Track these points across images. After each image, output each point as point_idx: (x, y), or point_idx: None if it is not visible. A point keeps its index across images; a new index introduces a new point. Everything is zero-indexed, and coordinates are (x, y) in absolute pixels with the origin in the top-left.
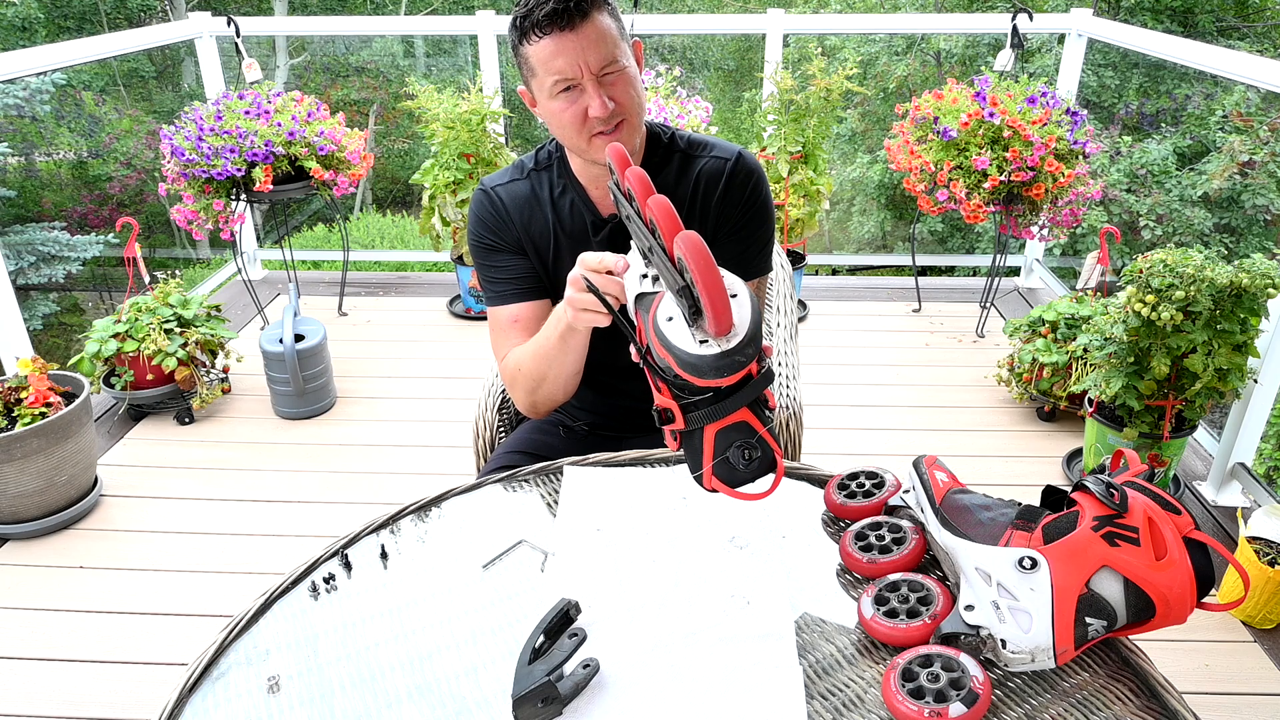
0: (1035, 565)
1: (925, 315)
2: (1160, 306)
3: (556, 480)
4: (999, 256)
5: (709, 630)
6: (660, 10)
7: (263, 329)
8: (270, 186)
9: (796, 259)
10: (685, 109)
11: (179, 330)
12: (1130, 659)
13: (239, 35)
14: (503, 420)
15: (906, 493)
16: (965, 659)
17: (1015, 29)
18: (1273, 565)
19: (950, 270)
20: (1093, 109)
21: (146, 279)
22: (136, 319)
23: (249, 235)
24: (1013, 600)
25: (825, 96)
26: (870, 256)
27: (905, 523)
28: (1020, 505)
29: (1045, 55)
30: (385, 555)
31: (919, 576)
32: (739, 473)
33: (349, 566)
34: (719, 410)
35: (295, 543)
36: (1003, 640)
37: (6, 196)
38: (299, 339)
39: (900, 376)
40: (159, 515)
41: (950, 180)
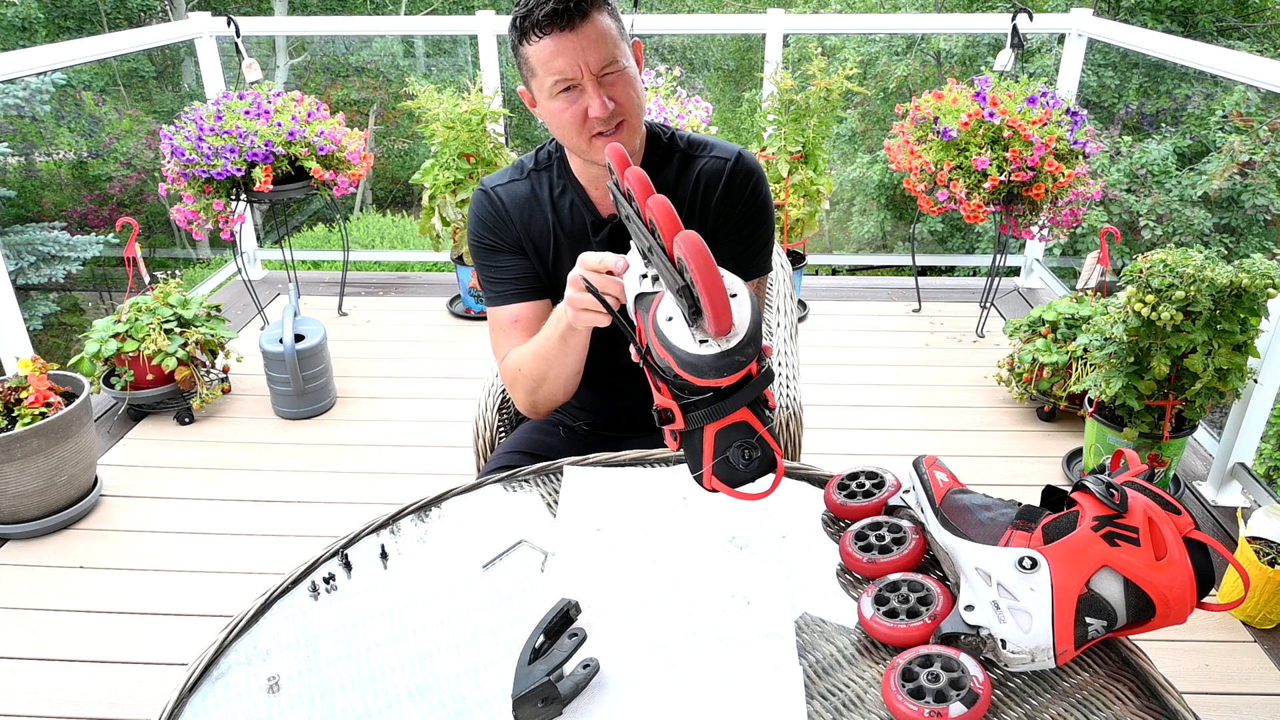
0: (1035, 565)
1: (925, 315)
2: (1160, 306)
3: (556, 480)
4: (999, 256)
5: (709, 630)
6: (660, 10)
7: (263, 329)
8: (270, 186)
9: (796, 259)
10: (685, 109)
11: (179, 330)
12: (1130, 659)
13: (239, 35)
14: (503, 420)
15: (906, 493)
16: (965, 659)
17: (1015, 29)
18: (1273, 565)
19: (950, 270)
20: (1093, 109)
21: (146, 279)
22: (136, 319)
23: (249, 235)
24: (1013, 600)
25: (825, 96)
26: (870, 256)
27: (905, 523)
28: (1020, 505)
29: (1045, 55)
30: (385, 555)
31: (919, 576)
32: (739, 473)
33: (349, 566)
34: (719, 410)
35: (295, 543)
36: (1003, 640)
37: (6, 196)
38: (299, 339)
39: (900, 376)
40: (159, 515)
41: (950, 180)
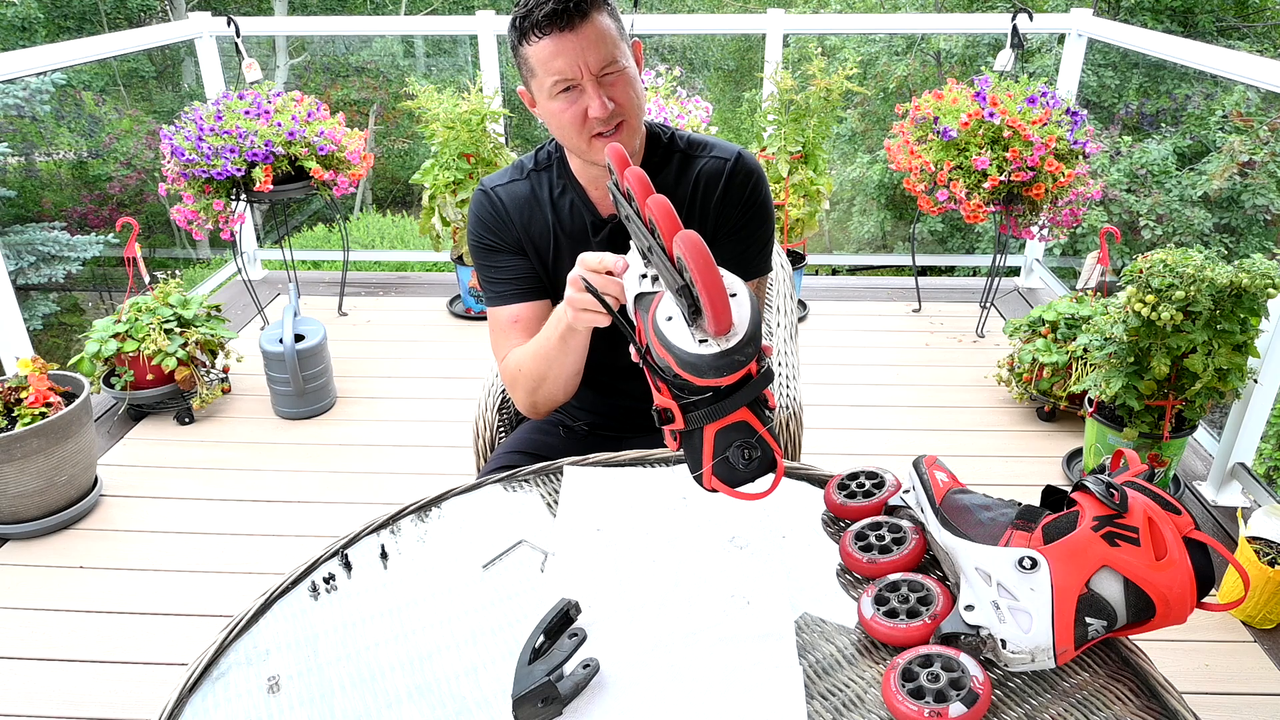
0: (1035, 565)
1: (925, 315)
2: (1160, 306)
3: (556, 480)
4: (999, 256)
5: (709, 630)
6: (660, 10)
7: (263, 329)
8: (270, 186)
9: (796, 259)
10: (685, 109)
11: (179, 330)
12: (1130, 659)
13: (239, 35)
14: (503, 420)
15: (906, 493)
16: (965, 659)
17: (1015, 29)
18: (1273, 565)
19: (950, 270)
20: (1093, 109)
21: (146, 279)
22: (136, 319)
23: (249, 235)
24: (1013, 600)
25: (825, 96)
26: (870, 256)
27: (905, 523)
28: (1020, 505)
29: (1045, 55)
30: (385, 555)
31: (919, 576)
32: (739, 472)
33: (349, 566)
34: (719, 410)
35: (295, 543)
36: (1003, 640)
37: (6, 196)
38: (299, 339)
39: (900, 376)
40: (159, 515)
41: (950, 180)
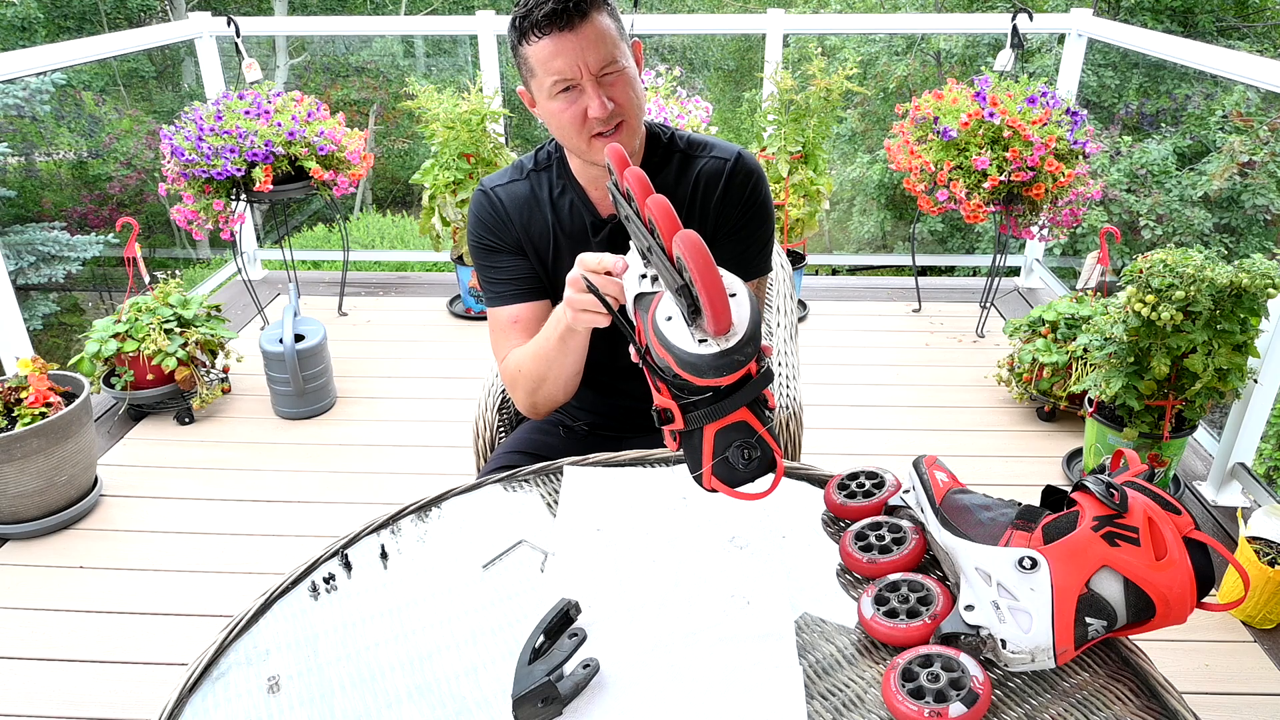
0: (1035, 565)
1: (925, 315)
2: (1160, 306)
3: (556, 480)
4: (999, 256)
5: (709, 630)
6: (660, 10)
7: (263, 329)
8: (270, 186)
9: (796, 259)
10: (685, 109)
11: (179, 330)
12: (1130, 659)
13: (239, 35)
14: (503, 420)
15: (906, 493)
16: (965, 659)
17: (1015, 29)
18: (1273, 565)
19: (950, 270)
20: (1093, 109)
21: (146, 279)
22: (136, 319)
23: (249, 235)
24: (1013, 600)
25: (825, 96)
26: (870, 256)
27: (905, 523)
28: (1020, 505)
29: (1045, 55)
30: (385, 555)
31: (919, 576)
32: (738, 472)
33: (349, 566)
34: (718, 410)
35: (295, 543)
36: (1003, 640)
37: (6, 196)
38: (299, 339)
39: (900, 376)
40: (159, 515)
41: (950, 180)
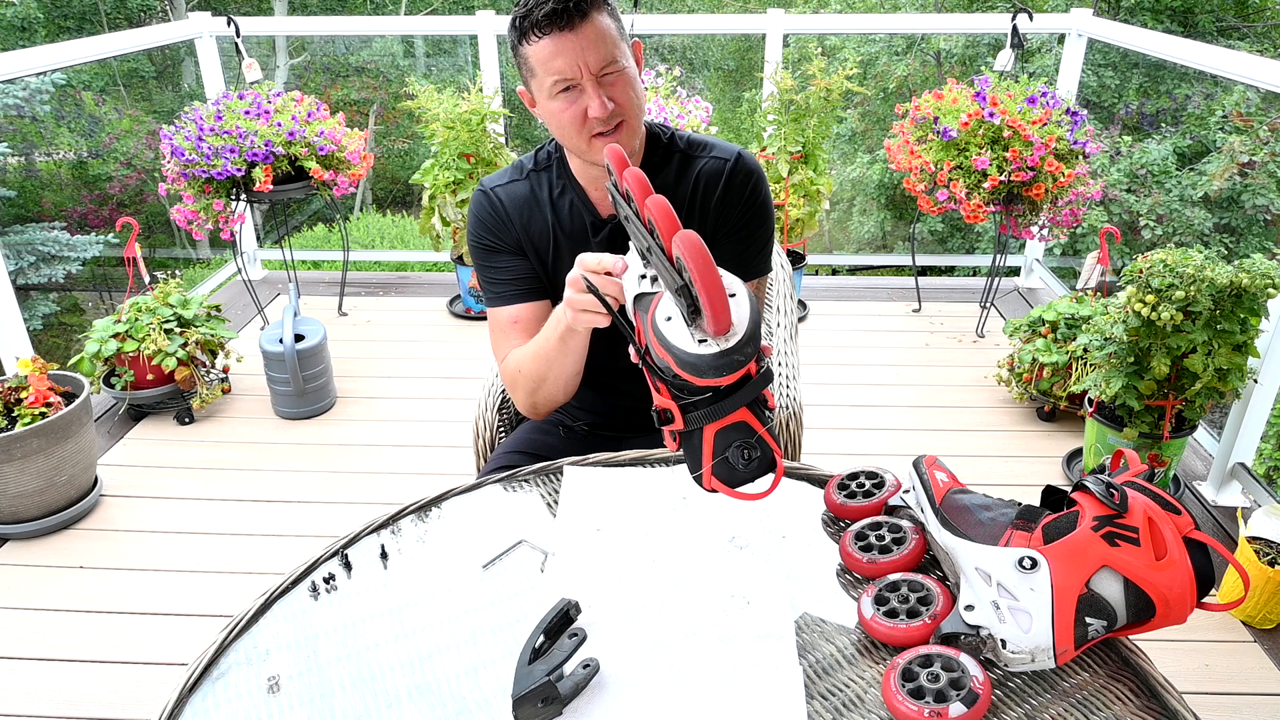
0: (1035, 565)
1: (925, 315)
2: (1160, 306)
3: (556, 480)
4: (999, 256)
5: (709, 630)
6: (660, 10)
7: (263, 329)
8: (270, 186)
9: (796, 259)
10: (685, 109)
11: (179, 330)
12: (1130, 659)
13: (239, 35)
14: (503, 420)
15: (906, 493)
16: (965, 659)
17: (1015, 29)
18: (1273, 565)
19: (950, 270)
20: (1093, 109)
21: (146, 279)
22: (136, 319)
23: (249, 235)
24: (1013, 600)
25: (825, 96)
26: (870, 256)
27: (905, 523)
28: (1020, 505)
29: (1045, 55)
30: (385, 555)
31: (919, 576)
32: (738, 473)
33: (349, 566)
34: (718, 410)
35: (295, 543)
36: (1003, 640)
37: (6, 196)
38: (299, 339)
39: (900, 376)
40: (159, 515)
41: (950, 180)
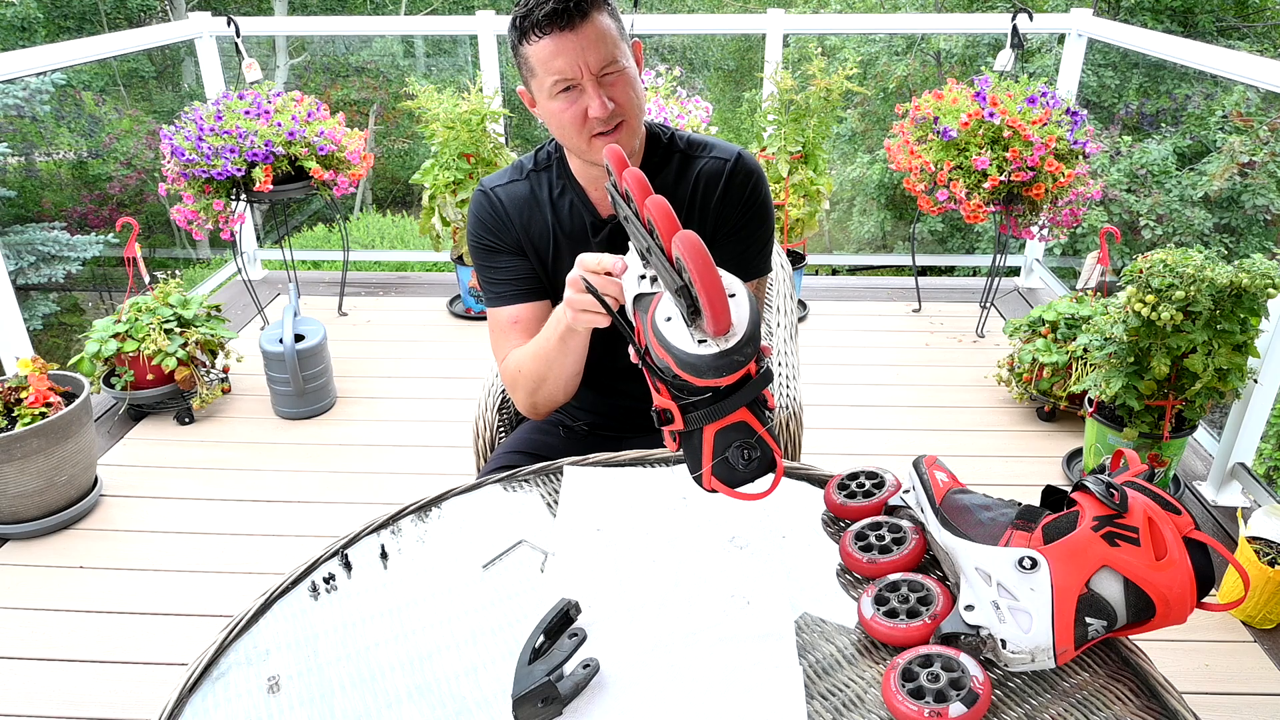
0: (1035, 565)
1: (925, 315)
2: (1160, 306)
3: (556, 480)
4: (999, 256)
5: (709, 630)
6: (660, 10)
7: (263, 329)
8: (270, 186)
9: (796, 259)
10: (685, 109)
11: (179, 330)
12: (1130, 659)
13: (239, 35)
14: (503, 420)
15: (906, 493)
16: (965, 659)
17: (1015, 29)
18: (1273, 565)
19: (950, 270)
20: (1093, 109)
21: (146, 279)
22: (136, 319)
23: (249, 235)
24: (1013, 600)
25: (825, 96)
26: (870, 256)
27: (905, 523)
28: (1020, 505)
29: (1045, 55)
30: (385, 555)
31: (919, 576)
32: (738, 473)
33: (349, 566)
34: (718, 410)
35: (295, 543)
36: (1003, 640)
37: (6, 196)
38: (299, 339)
39: (900, 376)
40: (159, 515)
41: (950, 180)
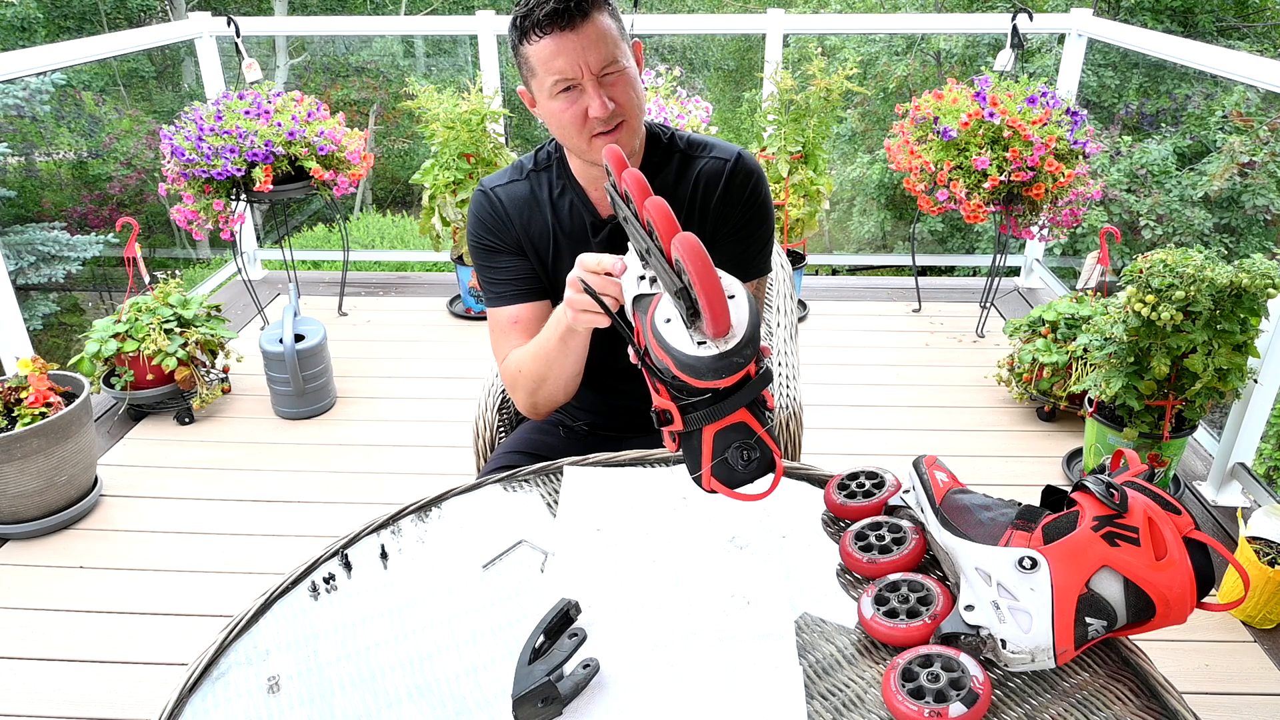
0: (1035, 565)
1: (925, 315)
2: (1160, 306)
3: (556, 480)
4: (999, 256)
5: (709, 630)
6: (660, 10)
7: (263, 329)
8: (270, 186)
9: (796, 259)
10: (685, 109)
11: (179, 330)
12: (1130, 659)
13: (239, 35)
14: (503, 420)
15: (906, 493)
16: (965, 659)
17: (1015, 29)
18: (1273, 565)
19: (950, 270)
20: (1093, 109)
21: (146, 279)
22: (136, 319)
23: (249, 235)
24: (1013, 600)
25: (825, 96)
26: (870, 256)
27: (905, 523)
28: (1020, 505)
29: (1045, 55)
30: (385, 555)
31: (919, 576)
32: (738, 473)
33: (349, 566)
34: (717, 411)
35: (295, 543)
36: (1003, 640)
37: (6, 196)
38: (299, 339)
39: (900, 376)
40: (159, 515)
41: (950, 180)
